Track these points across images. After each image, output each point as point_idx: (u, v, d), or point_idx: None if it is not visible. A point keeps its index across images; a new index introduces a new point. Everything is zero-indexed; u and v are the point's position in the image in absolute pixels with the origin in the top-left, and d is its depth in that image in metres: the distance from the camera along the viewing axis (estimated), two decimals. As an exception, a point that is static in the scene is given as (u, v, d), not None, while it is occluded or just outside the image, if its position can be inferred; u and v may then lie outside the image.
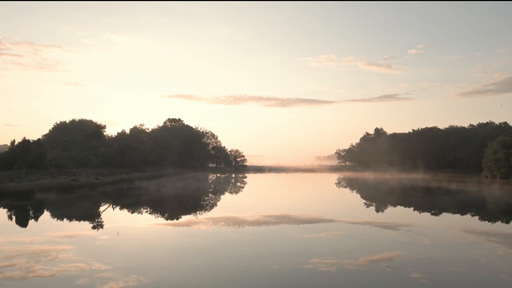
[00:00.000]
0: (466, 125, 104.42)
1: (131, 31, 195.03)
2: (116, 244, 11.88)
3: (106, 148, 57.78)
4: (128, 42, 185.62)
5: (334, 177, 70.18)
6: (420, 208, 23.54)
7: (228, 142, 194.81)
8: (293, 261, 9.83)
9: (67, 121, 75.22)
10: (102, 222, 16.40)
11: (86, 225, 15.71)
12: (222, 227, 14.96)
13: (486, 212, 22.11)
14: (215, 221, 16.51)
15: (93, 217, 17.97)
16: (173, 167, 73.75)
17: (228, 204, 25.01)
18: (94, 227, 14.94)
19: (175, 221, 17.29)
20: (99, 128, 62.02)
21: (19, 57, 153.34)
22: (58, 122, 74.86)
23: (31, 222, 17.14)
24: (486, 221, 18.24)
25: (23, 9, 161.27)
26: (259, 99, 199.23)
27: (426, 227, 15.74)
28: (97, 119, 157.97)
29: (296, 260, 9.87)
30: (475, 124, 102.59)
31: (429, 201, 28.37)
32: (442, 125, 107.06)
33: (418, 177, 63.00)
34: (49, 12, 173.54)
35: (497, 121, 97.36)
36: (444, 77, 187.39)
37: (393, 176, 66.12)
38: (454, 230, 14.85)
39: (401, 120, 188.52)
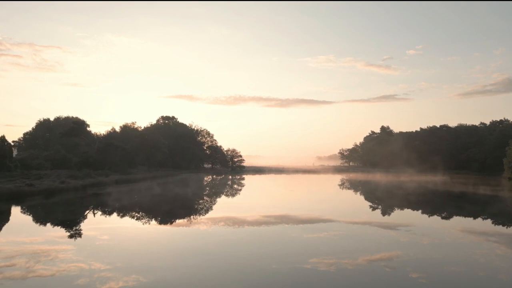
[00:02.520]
0: (468, 124, 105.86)
1: (131, 32, 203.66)
2: (116, 244, 12.99)
3: (87, 147, 57.73)
4: (128, 43, 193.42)
5: (342, 179, 69.89)
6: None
7: (228, 143, 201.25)
8: (293, 261, 10.91)
9: (52, 119, 75.54)
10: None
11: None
12: (222, 227, 16.18)
13: None
14: (215, 221, 17.76)
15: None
16: (164, 168, 74.62)
17: (226, 206, 25.97)
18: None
19: (174, 221, 18.34)
20: (77, 125, 59.57)
21: (19, 58, 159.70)
22: (41, 119, 75.02)
23: None
24: None
25: (23, 10, 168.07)
26: (259, 99, 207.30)
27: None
28: (97, 119, 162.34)
29: (295, 260, 10.94)
30: (486, 122, 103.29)
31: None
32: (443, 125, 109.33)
33: (439, 179, 62.50)
34: (49, 13, 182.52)
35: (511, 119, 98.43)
36: (442, 78, 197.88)
37: (412, 179, 63.82)
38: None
39: (401, 120, 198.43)
